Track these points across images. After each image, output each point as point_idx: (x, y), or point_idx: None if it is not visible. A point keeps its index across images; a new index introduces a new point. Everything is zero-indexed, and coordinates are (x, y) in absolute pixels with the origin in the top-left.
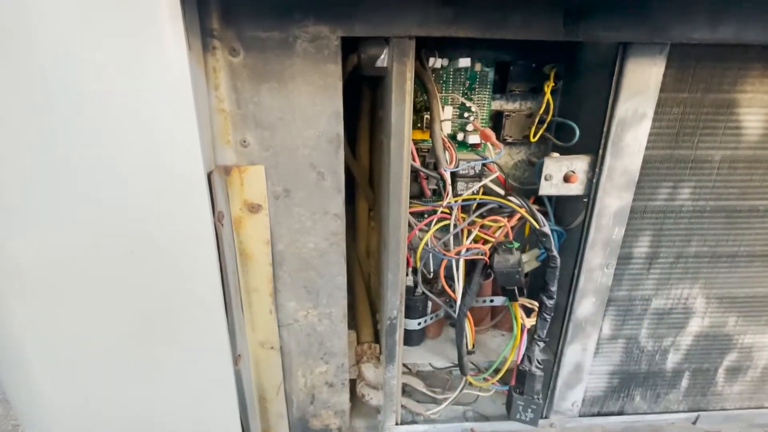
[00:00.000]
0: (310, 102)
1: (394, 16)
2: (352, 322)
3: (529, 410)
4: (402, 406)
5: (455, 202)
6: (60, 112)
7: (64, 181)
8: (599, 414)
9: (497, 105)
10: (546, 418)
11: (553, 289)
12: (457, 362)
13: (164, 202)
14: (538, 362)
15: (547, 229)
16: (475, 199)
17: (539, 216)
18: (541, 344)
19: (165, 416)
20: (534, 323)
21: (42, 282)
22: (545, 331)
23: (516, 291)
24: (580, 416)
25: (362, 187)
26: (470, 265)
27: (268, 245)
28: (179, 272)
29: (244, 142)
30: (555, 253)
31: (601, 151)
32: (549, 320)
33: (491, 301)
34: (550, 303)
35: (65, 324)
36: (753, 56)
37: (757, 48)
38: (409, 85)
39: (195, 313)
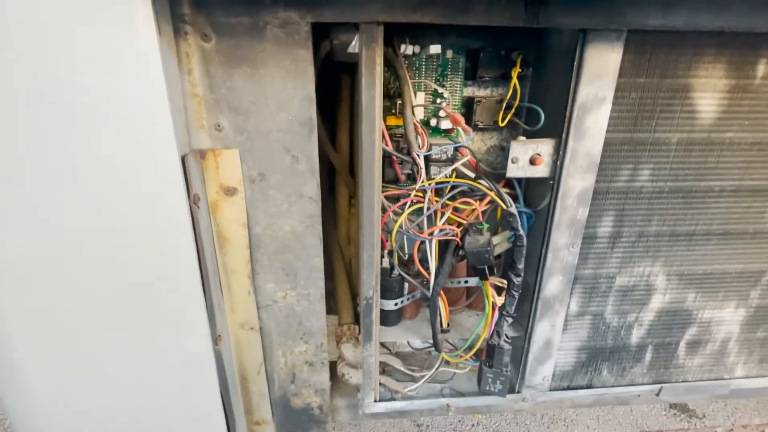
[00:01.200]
0: (282, 86)
1: (360, 3)
2: (334, 307)
3: (498, 382)
4: (381, 384)
5: (428, 185)
6: (30, 100)
7: (38, 169)
8: (569, 388)
9: (469, 91)
10: (518, 393)
11: (520, 267)
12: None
13: (139, 186)
14: (507, 337)
15: (513, 210)
16: (447, 182)
17: (506, 197)
18: (510, 320)
19: (147, 397)
20: (504, 301)
21: (21, 269)
22: (513, 308)
23: (486, 270)
24: (550, 390)
25: (342, 175)
26: (443, 246)
27: (244, 228)
28: (157, 254)
29: (218, 126)
30: (521, 232)
31: (564, 135)
32: (517, 297)
33: (465, 282)
34: (517, 280)
35: (45, 310)
36: (705, 42)
37: (709, 34)
38: (379, 70)
39: (173, 295)
